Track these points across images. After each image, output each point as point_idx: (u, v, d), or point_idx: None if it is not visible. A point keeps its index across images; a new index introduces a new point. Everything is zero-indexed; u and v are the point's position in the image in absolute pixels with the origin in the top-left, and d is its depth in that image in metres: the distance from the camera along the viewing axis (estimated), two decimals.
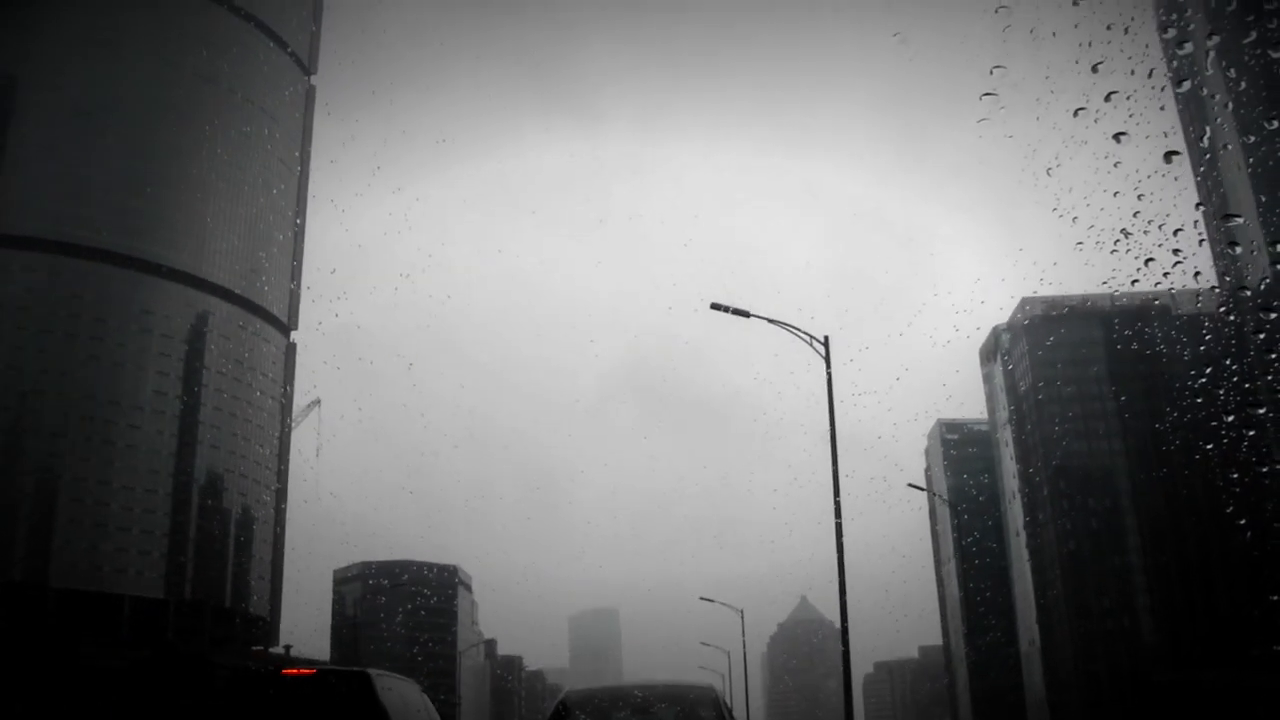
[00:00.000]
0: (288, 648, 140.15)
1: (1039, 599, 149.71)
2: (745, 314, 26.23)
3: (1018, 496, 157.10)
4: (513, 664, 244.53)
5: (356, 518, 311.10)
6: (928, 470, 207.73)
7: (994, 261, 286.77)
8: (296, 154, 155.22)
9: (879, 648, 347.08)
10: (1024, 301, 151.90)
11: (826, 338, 24.96)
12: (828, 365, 24.50)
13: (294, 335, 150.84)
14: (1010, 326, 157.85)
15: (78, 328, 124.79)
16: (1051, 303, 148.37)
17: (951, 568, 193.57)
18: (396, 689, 16.05)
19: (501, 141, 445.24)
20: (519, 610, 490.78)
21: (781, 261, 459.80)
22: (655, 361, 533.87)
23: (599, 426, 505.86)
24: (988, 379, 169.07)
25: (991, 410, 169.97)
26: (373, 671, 15.46)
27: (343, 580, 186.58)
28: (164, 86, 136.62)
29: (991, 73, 23.25)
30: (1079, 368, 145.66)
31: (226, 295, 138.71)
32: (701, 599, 74.87)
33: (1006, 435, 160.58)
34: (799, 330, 25.13)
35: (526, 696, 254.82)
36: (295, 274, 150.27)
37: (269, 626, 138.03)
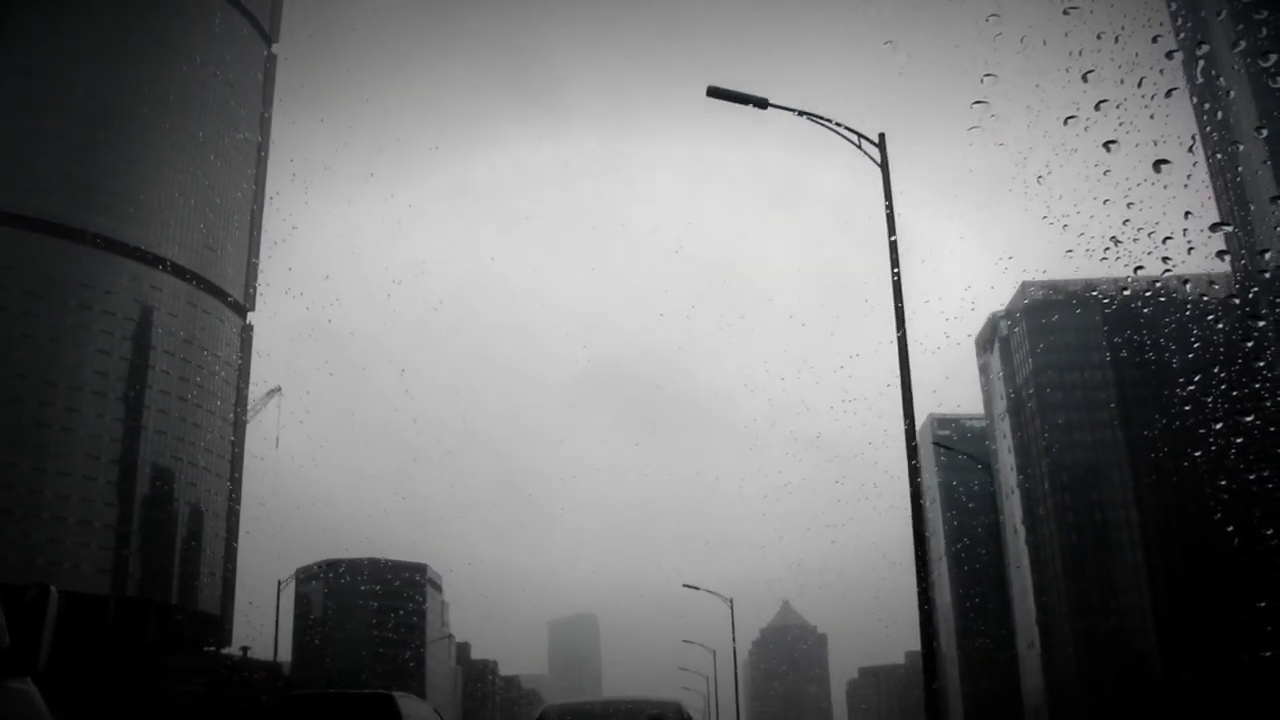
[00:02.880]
0: (245, 649, 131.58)
1: (1039, 598, 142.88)
2: (762, 104, 18.39)
3: (1016, 491, 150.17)
4: (487, 668, 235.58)
5: (323, 517, 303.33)
6: (916, 467, 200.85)
7: (984, 269, 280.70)
8: (257, 125, 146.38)
9: (864, 654, 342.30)
10: (1024, 286, 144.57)
11: (882, 135, 17.23)
12: (884, 170, 16.96)
13: (251, 317, 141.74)
14: (1009, 313, 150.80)
15: (8, 301, 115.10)
16: (1053, 287, 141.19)
17: (942, 568, 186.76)
18: (414, 709, 17.23)
19: (480, 143, 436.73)
20: (498, 617, 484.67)
21: (770, 266, 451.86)
22: (639, 368, 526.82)
23: (580, 432, 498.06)
24: (984, 369, 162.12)
25: (988, 401, 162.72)
26: (396, 694, 16.84)
27: (305, 579, 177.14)
28: (112, 47, 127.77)
29: (982, 81, 23.82)
30: (1081, 355, 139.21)
31: (177, 271, 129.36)
32: (685, 586, 67.41)
33: (1004, 427, 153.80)
34: (839, 126, 17.23)
35: (501, 702, 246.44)
36: (253, 251, 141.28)
37: (221, 626, 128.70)
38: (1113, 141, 21.66)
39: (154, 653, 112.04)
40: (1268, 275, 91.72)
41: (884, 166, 16.99)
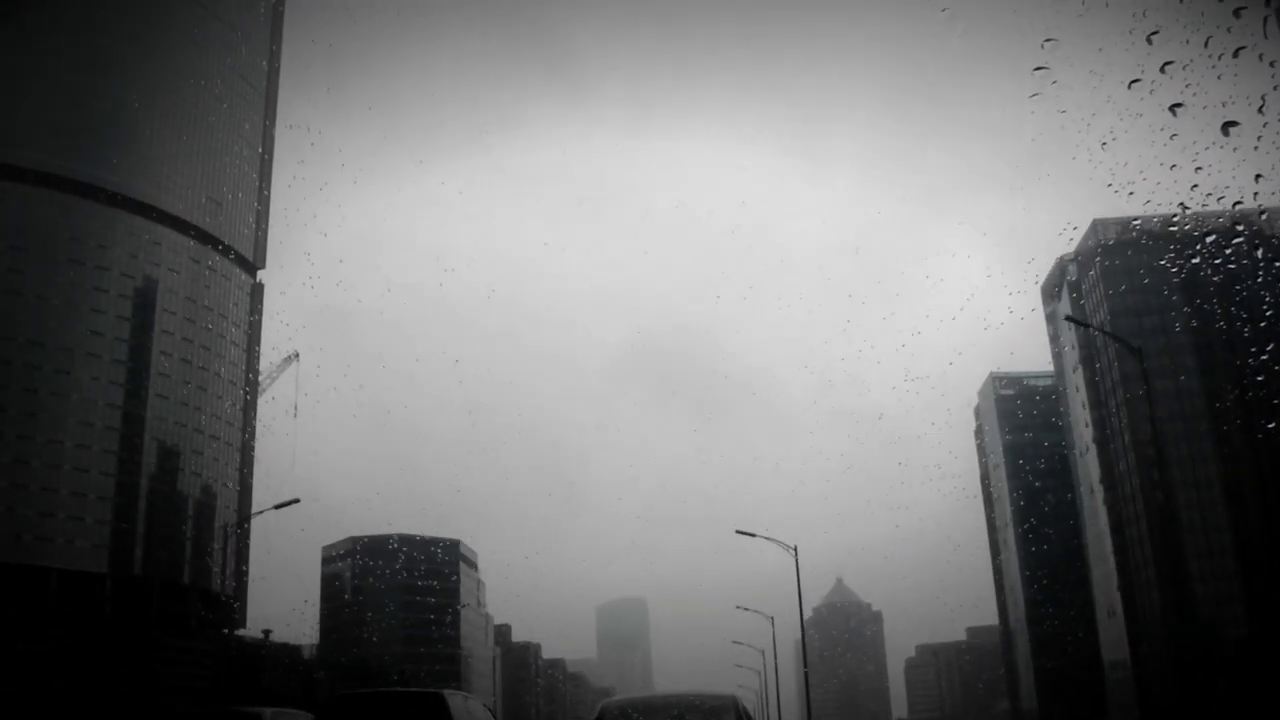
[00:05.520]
0: (267, 633, 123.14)
1: (1120, 562, 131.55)
2: None
3: (1092, 447, 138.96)
4: (529, 651, 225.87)
5: (354, 500, 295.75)
6: (979, 430, 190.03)
7: (1048, 241, 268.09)
8: (263, 73, 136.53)
9: (922, 631, 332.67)
10: (1095, 224, 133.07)
11: None
12: None
13: (261, 275, 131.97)
14: (1079, 254, 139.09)
15: None
16: (1127, 225, 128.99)
17: (1009, 534, 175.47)
18: (465, 706, 18.29)
19: (514, 124, 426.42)
20: (545, 602, 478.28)
21: (825, 243, 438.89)
22: (695, 351, 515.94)
23: (634, 416, 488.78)
24: (1051, 319, 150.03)
25: (1057, 354, 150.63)
26: (446, 692, 17.47)
27: (331, 558, 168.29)
28: None
29: (1043, 46, 26.01)
30: (1161, 296, 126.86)
31: (178, 224, 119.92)
32: (739, 532, 57.41)
33: (1077, 380, 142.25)
34: None
35: (545, 686, 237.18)
36: (262, 204, 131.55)
37: (234, 607, 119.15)
38: (1179, 105, 22.11)
39: (152, 635, 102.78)
40: None
41: None
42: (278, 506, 51.24)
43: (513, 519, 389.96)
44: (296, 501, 52.45)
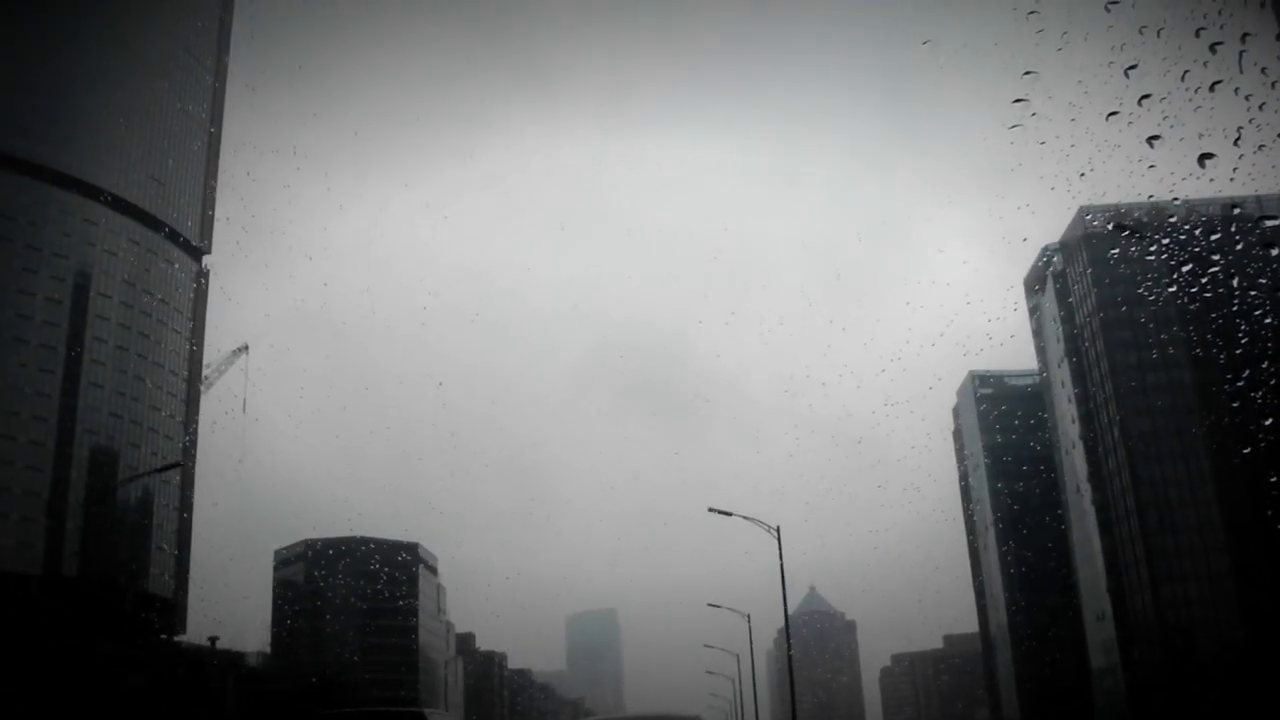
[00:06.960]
0: (213, 639, 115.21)
1: (1109, 563, 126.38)
2: None
3: (1079, 444, 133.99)
4: (493, 660, 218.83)
5: (308, 503, 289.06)
6: (957, 432, 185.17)
7: (1028, 269, 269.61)
8: (213, 52, 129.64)
9: (897, 640, 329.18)
10: (1082, 212, 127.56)
11: None
12: None
13: (207, 260, 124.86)
14: (1065, 244, 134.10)
15: None
16: (1115, 212, 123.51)
17: (990, 538, 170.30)
18: None
19: (480, 129, 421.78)
20: (514, 612, 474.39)
21: (808, 269, 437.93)
22: (668, 366, 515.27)
23: (593, 424, 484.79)
24: (1034, 312, 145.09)
25: (1041, 348, 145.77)
26: (427, 710, 23.38)
27: (284, 561, 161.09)
28: None
29: (1024, 78, 27.96)
30: (1151, 287, 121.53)
31: (117, 204, 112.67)
32: (711, 510, 52.53)
33: (1063, 374, 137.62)
34: None
35: (509, 696, 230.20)
36: (209, 186, 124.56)
37: (174, 610, 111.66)
38: (1156, 137, 24.50)
39: (90, 640, 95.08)
40: None
41: None
42: (159, 470, 45.01)
43: (485, 531, 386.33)
44: (178, 465, 46.16)
